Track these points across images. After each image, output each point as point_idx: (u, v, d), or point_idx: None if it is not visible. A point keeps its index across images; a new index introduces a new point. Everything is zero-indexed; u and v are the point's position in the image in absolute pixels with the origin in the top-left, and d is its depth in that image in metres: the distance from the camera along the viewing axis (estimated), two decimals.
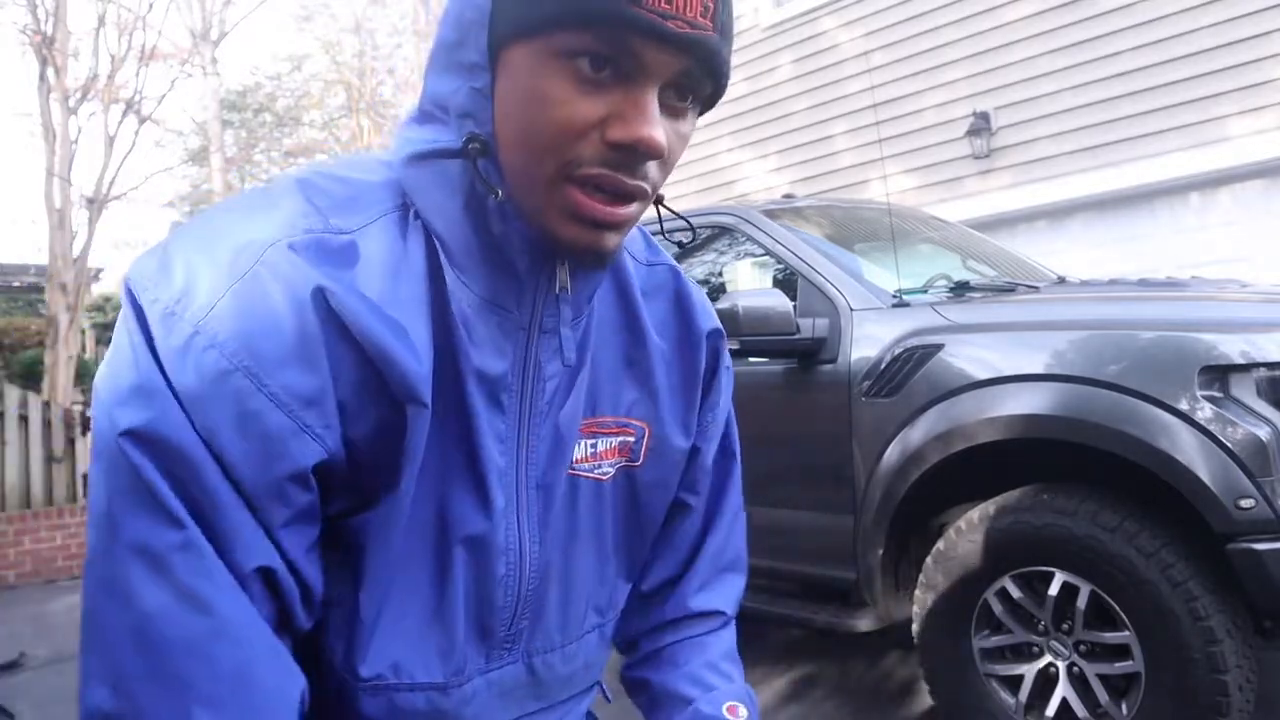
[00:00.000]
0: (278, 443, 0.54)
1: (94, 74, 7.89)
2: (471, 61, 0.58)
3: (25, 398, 5.92)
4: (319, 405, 0.55)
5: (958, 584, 2.27)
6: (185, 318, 0.53)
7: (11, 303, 12.40)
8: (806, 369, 2.59)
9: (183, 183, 20.33)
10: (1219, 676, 1.91)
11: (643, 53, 0.54)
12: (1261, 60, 5.44)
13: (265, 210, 0.59)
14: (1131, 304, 2.39)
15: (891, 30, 6.96)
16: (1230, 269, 4.83)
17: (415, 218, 0.62)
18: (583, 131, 0.55)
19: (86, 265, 7.78)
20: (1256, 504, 1.85)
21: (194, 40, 15.15)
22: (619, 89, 0.55)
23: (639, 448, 0.75)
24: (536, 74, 0.55)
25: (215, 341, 0.53)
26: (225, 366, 0.52)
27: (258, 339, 0.53)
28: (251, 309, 0.54)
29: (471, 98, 0.58)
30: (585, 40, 0.53)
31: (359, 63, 17.37)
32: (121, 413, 0.53)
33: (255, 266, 0.55)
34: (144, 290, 0.55)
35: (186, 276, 0.54)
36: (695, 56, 0.55)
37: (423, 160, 0.61)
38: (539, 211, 0.58)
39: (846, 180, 7.05)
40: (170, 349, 0.53)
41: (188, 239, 0.57)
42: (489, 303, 0.62)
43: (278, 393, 0.53)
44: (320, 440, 0.56)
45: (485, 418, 0.63)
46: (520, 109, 0.56)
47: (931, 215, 3.91)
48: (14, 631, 4.42)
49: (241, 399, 0.53)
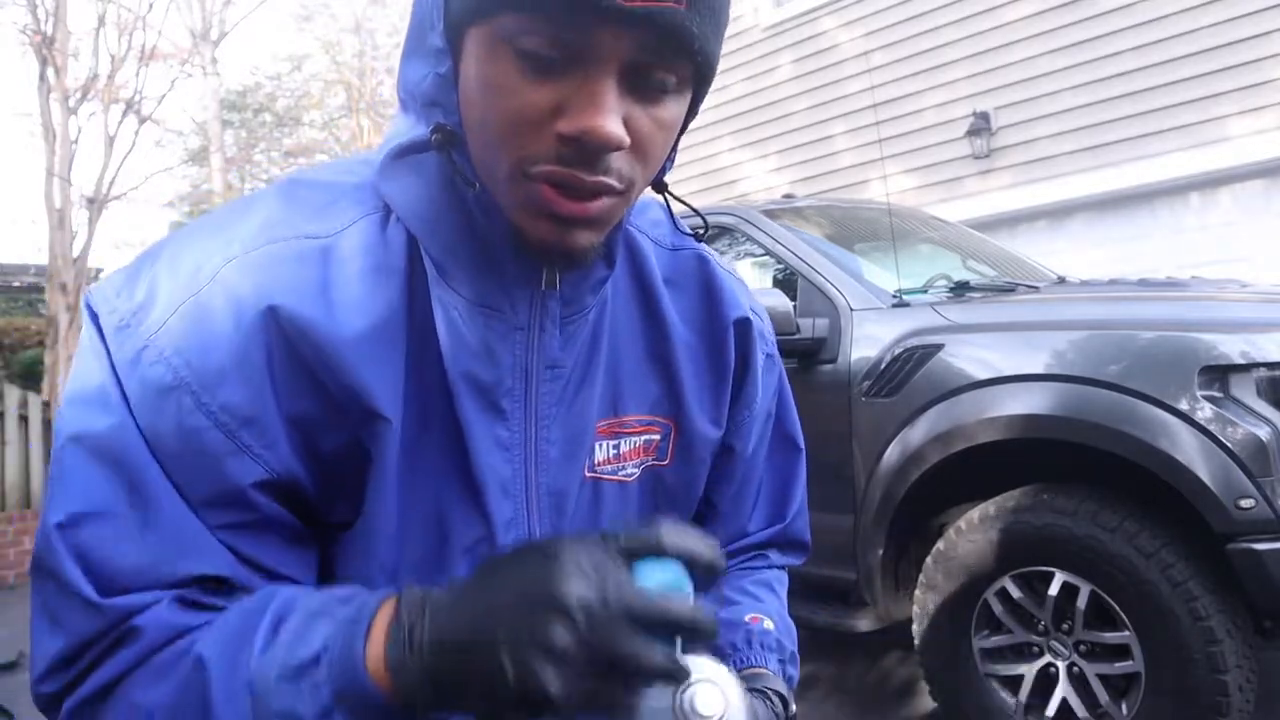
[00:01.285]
0: (215, 460, 0.53)
1: (94, 74, 7.89)
2: (436, 47, 0.54)
3: (25, 398, 5.92)
4: (258, 425, 0.54)
5: (958, 584, 2.27)
6: (138, 332, 0.53)
7: (11, 303, 12.40)
8: (806, 369, 2.59)
9: (183, 183, 20.32)
10: (1219, 676, 1.91)
11: (590, 32, 0.48)
12: (1261, 60, 5.44)
13: (236, 223, 0.58)
14: (1131, 304, 2.39)
15: (891, 30, 6.96)
16: (1230, 269, 4.83)
17: (397, 219, 0.60)
18: (535, 123, 0.51)
19: (86, 265, 7.79)
20: (1256, 504, 1.85)
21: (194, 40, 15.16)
22: (571, 76, 0.50)
23: (666, 446, 0.70)
24: (487, 61, 0.51)
25: (162, 356, 0.53)
26: (170, 381, 0.52)
27: (202, 356, 0.53)
28: (199, 326, 0.53)
29: (436, 84, 0.55)
30: (528, 22, 0.49)
31: (359, 63, 17.37)
32: (77, 416, 0.53)
33: (209, 284, 0.54)
34: (104, 302, 0.56)
35: (147, 291, 0.55)
36: (655, 32, 0.49)
37: (398, 158, 0.59)
38: (505, 207, 0.55)
39: (846, 180, 7.05)
40: (122, 360, 0.53)
41: (158, 254, 0.57)
42: (477, 305, 0.59)
43: (216, 411, 0.53)
44: (259, 460, 0.54)
45: (482, 426, 0.60)
46: (477, 98, 0.53)
47: (931, 215, 3.91)
48: (14, 632, 4.41)
49: (183, 415, 0.52)
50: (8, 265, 12.60)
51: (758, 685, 0.69)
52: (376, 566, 0.60)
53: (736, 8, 7.67)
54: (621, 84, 0.51)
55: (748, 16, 7.75)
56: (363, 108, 16.41)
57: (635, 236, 0.72)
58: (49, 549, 0.52)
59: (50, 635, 0.52)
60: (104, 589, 0.51)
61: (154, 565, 0.52)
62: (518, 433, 0.62)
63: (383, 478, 0.57)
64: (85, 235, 7.68)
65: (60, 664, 0.52)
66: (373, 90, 17.20)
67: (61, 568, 0.51)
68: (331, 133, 19.35)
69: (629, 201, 0.57)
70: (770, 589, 0.82)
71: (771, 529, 0.83)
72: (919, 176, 6.82)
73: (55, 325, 7.23)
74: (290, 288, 0.55)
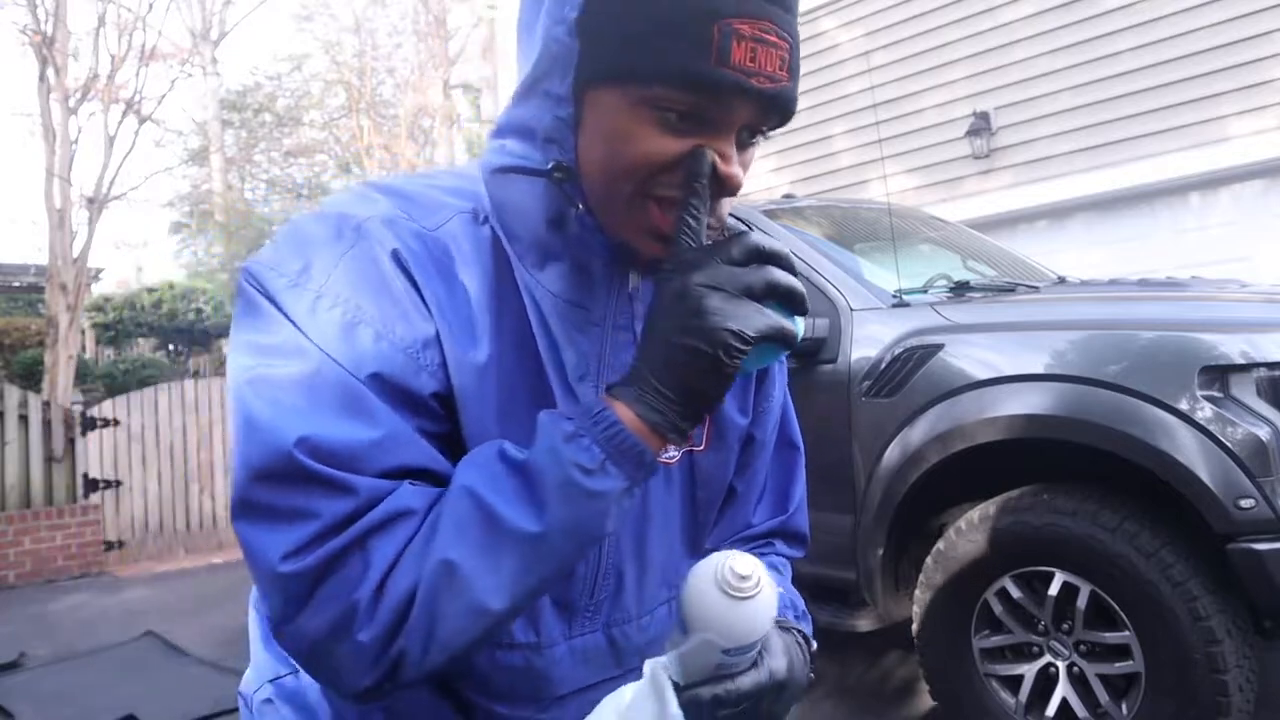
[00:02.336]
0: (405, 379, 0.60)
1: (94, 74, 7.88)
2: (557, 93, 0.63)
3: (25, 398, 5.92)
4: (430, 348, 0.62)
5: (958, 584, 2.27)
6: (309, 287, 0.61)
7: (11, 303, 12.39)
8: (807, 369, 2.59)
9: (183, 183, 20.30)
10: (1219, 676, 1.91)
11: (728, 106, 0.60)
12: (1261, 60, 5.44)
13: (360, 205, 0.67)
14: (1131, 304, 2.39)
15: (891, 30, 6.96)
16: (1230, 269, 4.83)
17: (484, 221, 0.69)
18: (667, 166, 0.61)
19: (86, 265, 7.77)
20: (1256, 504, 1.85)
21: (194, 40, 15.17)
22: (702, 134, 0.61)
23: (701, 433, 0.79)
24: (624, 115, 0.61)
25: (339, 301, 0.61)
26: (351, 319, 0.60)
27: (371, 295, 0.61)
28: (363, 273, 0.62)
29: (556, 126, 0.63)
30: (677, 96, 0.59)
31: (359, 63, 17.33)
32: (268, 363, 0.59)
33: (359, 240, 0.63)
34: (266, 270, 0.63)
35: (302, 256, 0.63)
36: (772, 105, 0.61)
37: (508, 173, 0.67)
38: (619, 227, 0.65)
39: (846, 180, 7.05)
40: (300, 311, 0.60)
41: (295, 230, 0.66)
42: (566, 301, 0.69)
43: (398, 339, 0.61)
44: (435, 376, 0.62)
45: (563, 404, 0.68)
46: (605, 143, 0.62)
47: (931, 215, 3.91)
48: (14, 631, 4.42)
49: (372, 344, 0.60)
50: (8, 265, 12.60)
51: (782, 627, 0.75)
52: None
53: None
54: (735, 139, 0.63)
55: None
56: (363, 108, 16.39)
57: None
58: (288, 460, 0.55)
59: (291, 525, 0.55)
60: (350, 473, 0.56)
61: (380, 458, 0.58)
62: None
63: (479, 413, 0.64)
64: (85, 235, 7.67)
65: (313, 541, 0.55)
66: (373, 90, 17.18)
67: (307, 467, 0.55)
68: (331, 133, 19.32)
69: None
70: (776, 570, 0.88)
71: (774, 520, 0.91)
72: (919, 176, 6.82)
73: (55, 325, 7.23)
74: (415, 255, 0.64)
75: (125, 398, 6.37)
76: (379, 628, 0.55)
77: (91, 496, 6.05)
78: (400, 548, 0.56)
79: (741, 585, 0.59)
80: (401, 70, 18.26)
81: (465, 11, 16.82)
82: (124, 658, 3.84)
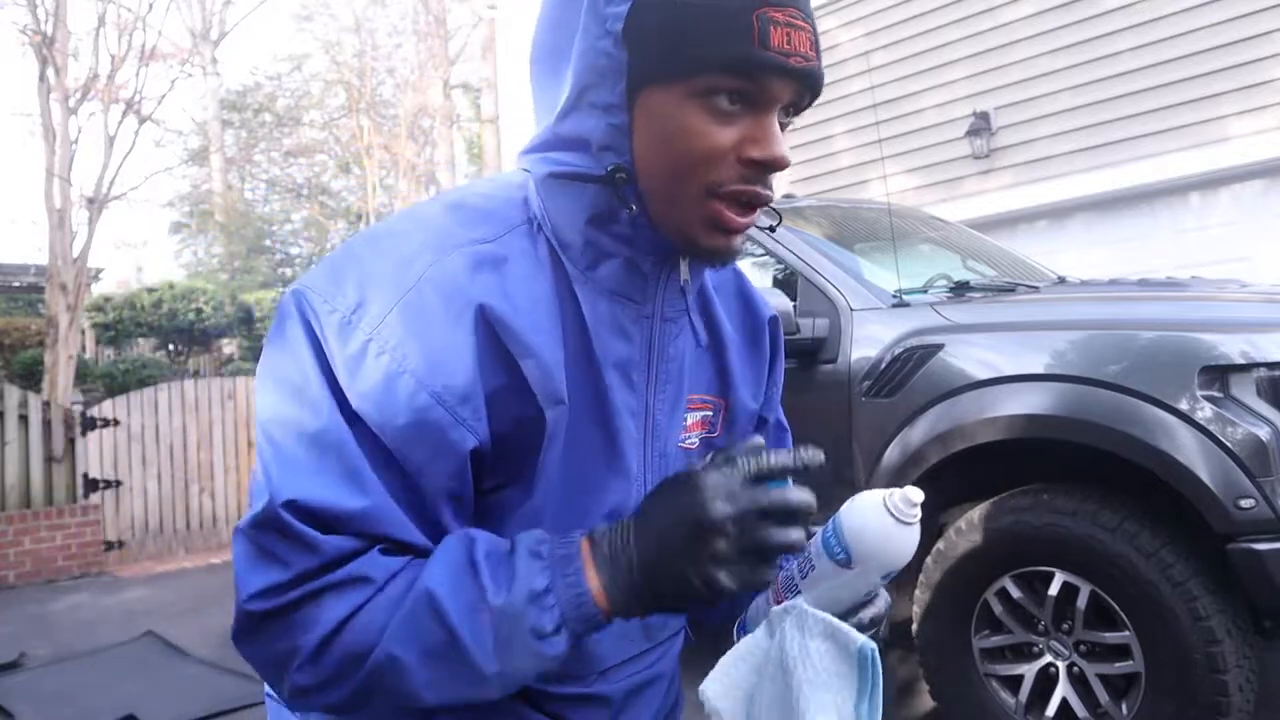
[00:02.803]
0: (439, 433, 0.63)
1: (94, 74, 7.87)
2: (607, 103, 0.67)
3: (25, 398, 5.92)
4: (472, 402, 0.65)
5: (958, 584, 2.27)
6: (361, 327, 0.63)
7: (11, 303, 12.39)
8: (807, 369, 2.59)
9: (183, 183, 20.30)
10: (1219, 676, 1.91)
11: (770, 86, 0.65)
12: (1261, 60, 5.45)
13: (419, 230, 0.69)
14: (1131, 304, 2.39)
15: (892, 30, 6.96)
16: (1230, 269, 4.83)
17: (539, 230, 0.72)
18: (723, 156, 0.66)
19: (86, 265, 7.77)
20: (1256, 504, 1.85)
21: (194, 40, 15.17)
22: (748, 116, 0.66)
23: (716, 420, 0.85)
24: (677, 112, 0.66)
25: (387, 348, 0.63)
26: (395, 370, 0.62)
27: (422, 345, 0.63)
28: (418, 319, 0.64)
29: (609, 133, 0.68)
30: (723, 81, 0.64)
31: (359, 63, 17.33)
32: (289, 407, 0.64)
33: (419, 282, 0.65)
34: (321, 301, 0.65)
35: (359, 291, 0.65)
36: (806, 82, 0.67)
37: (560, 179, 0.71)
38: (684, 224, 0.69)
39: (846, 180, 7.06)
40: (347, 356, 0.63)
41: (354, 257, 0.68)
42: (617, 295, 0.73)
43: (439, 391, 0.63)
44: (474, 431, 0.65)
45: (621, 395, 0.74)
46: (663, 142, 0.67)
47: (931, 215, 3.91)
48: (14, 631, 4.42)
49: (410, 396, 0.62)
50: (8, 265, 12.61)
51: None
52: (526, 526, 0.70)
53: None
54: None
55: None
56: (363, 108, 16.39)
57: None
58: (275, 513, 0.61)
59: (267, 569, 0.61)
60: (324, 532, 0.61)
61: (361, 526, 0.62)
62: (641, 399, 0.76)
63: (553, 450, 0.69)
64: (85, 235, 7.67)
65: (276, 589, 0.61)
66: (373, 90, 17.18)
67: (289, 524, 0.60)
68: (331, 133, 19.33)
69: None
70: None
71: None
72: (919, 176, 6.82)
73: (55, 325, 7.23)
74: (484, 288, 0.67)
75: (125, 398, 6.36)
76: (317, 676, 0.61)
77: (91, 496, 6.05)
78: (351, 609, 0.61)
79: (910, 512, 0.65)
80: (401, 70, 18.25)
81: (465, 11, 16.82)
82: (124, 658, 3.84)
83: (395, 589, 0.62)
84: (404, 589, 0.62)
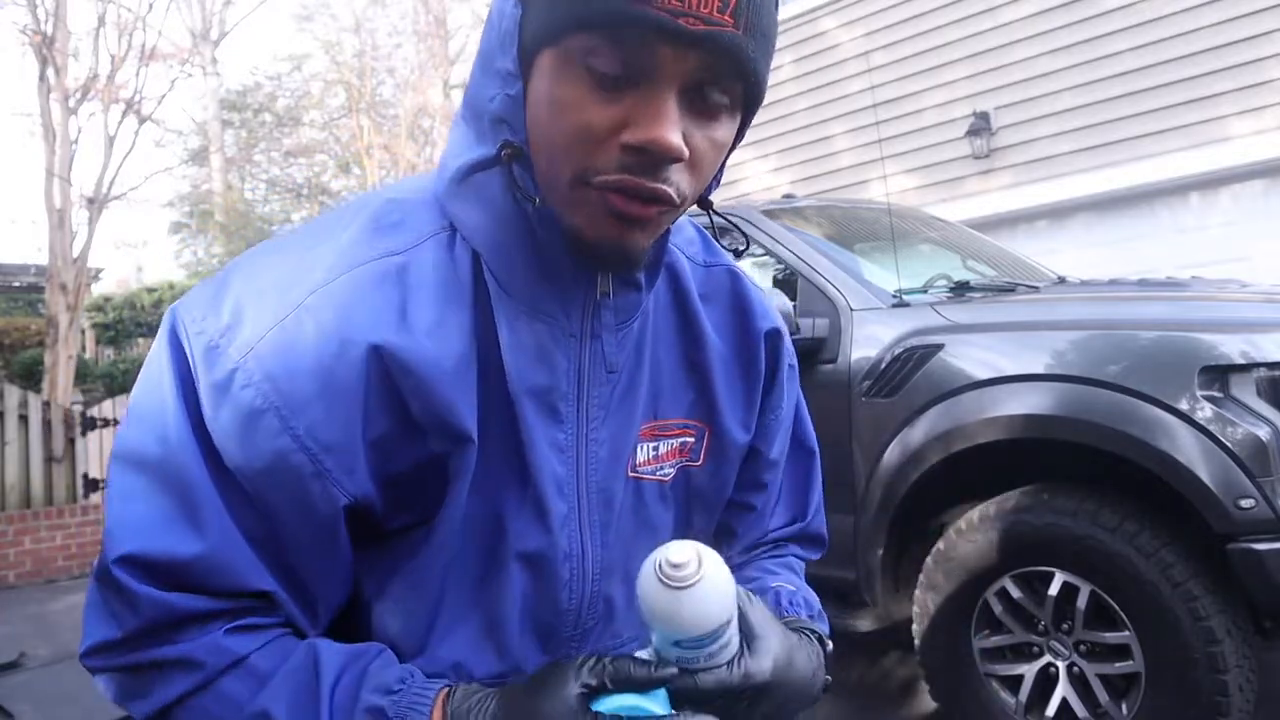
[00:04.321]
0: (297, 480, 0.57)
1: (94, 74, 7.88)
2: (506, 69, 0.58)
3: (25, 398, 5.92)
4: (341, 452, 0.57)
5: (958, 584, 2.27)
6: (228, 353, 0.56)
7: (11, 303, 12.39)
8: (806, 369, 2.59)
9: (183, 183, 20.30)
10: (1219, 676, 1.91)
11: (654, 52, 0.53)
12: (1261, 60, 5.44)
13: (316, 246, 0.61)
14: (1131, 304, 2.39)
15: (891, 30, 6.96)
16: (1230, 269, 4.83)
17: (463, 238, 0.63)
18: (600, 138, 0.55)
19: (86, 265, 7.77)
20: (1256, 504, 1.85)
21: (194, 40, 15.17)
22: (636, 93, 0.54)
23: (699, 448, 0.75)
24: (557, 80, 0.55)
25: (252, 381, 0.56)
26: (260, 405, 0.56)
27: (291, 382, 0.56)
28: (288, 353, 0.56)
29: (505, 104, 0.58)
30: (596, 43, 0.53)
31: (359, 63, 17.36)
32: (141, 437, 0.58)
33: (297, 310, 0.57)
34: (192, 321, 0.58)
35: (234, 311, 0.58)
36: (713, 53, 0.53)
37: (465, 178, 0.62)
38: (565, 212, 0.59)
39: (846, 180, 7.05)
40: (211, 384, 0.56)
41: (241, 274, 0.61)
42: (536, 312, 0.63)
43: (302, 435, 0.56)
44: (339, 485, 0.58)
45: (540, 430, 0.64)
46: (544, 115, 0.56)
47: (931, 215, 3.91)
48: (14, 631, 4.42)
49: (271, 437, 0.56)
50: (8, 265, 12.60)
51: (793, 627, 0.71)
52: (433, 571, 0.63)
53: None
54: (681, 102, 0.55)
55: None
56: (363, 108, 16.40)
57: (672, 253, 0.75)
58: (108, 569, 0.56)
59: (105, 624, 0.57)
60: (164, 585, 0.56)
61: (203, 578, 0.56)
62: (571, 434, 0.66)
63: (458, 490, 0.61)
64: (85, 235, 7.68)
65: (108, 648, 0.57)
66: (373, 90, 17.19)
67: (121, 581, 0.56)
68: (331, 133, 19.33)
69: (678, 214, 0.61)
70: (791, 569, 0.86)
71: (793, 526, 0.88)
72: (919, 176, 6.82)
73: (55, 325, 7.23)
74: (378, 320, 0.58)
75: (125, 398, 6.36)
76: None
77: (92, 496, 6.05)
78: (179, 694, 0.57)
79: (676, 574, 0.56)
80: (401, 70, 18.26)
81: (465, 11, 16.85)
82: None
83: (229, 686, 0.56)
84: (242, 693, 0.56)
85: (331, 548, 0.60)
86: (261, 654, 0.58)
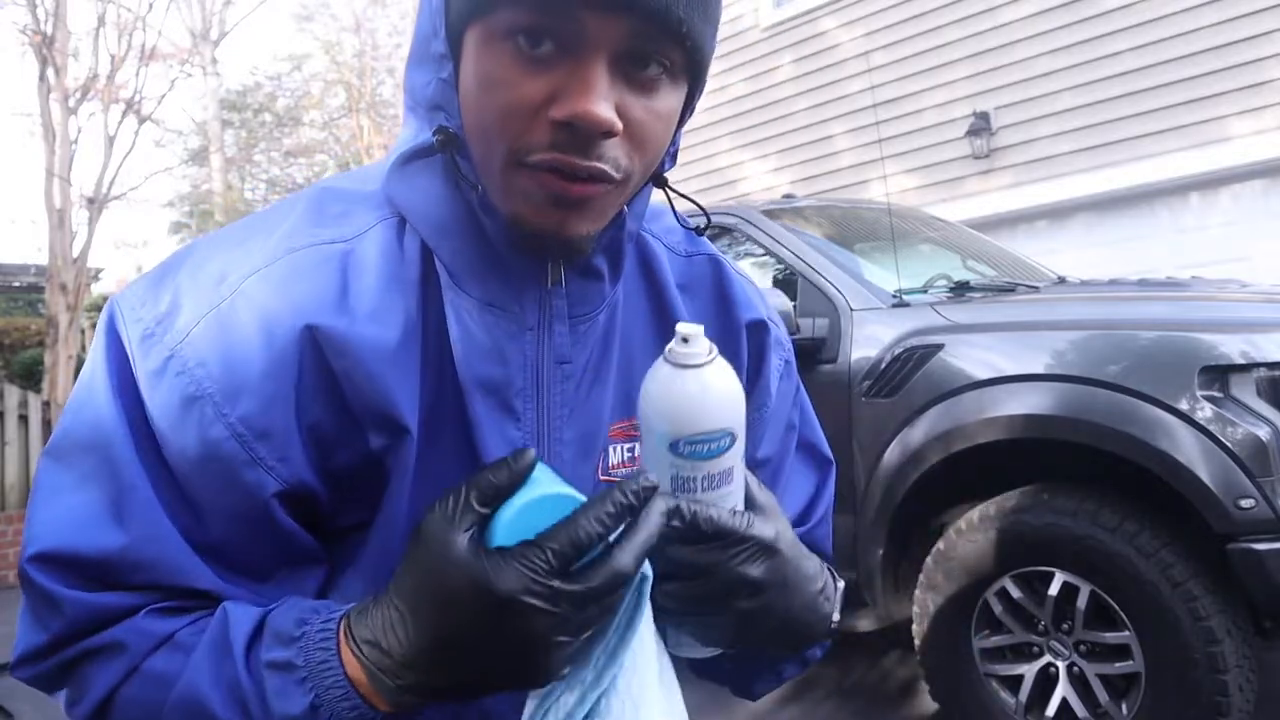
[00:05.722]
0: (231, 470, 0.54)
1: (94, 74, 7.88)
2: (439, 52, 0.56)
3: (25, 397, 5.92)
4: (274, 439, 0.55)
5: (958, 584, 2.27)
6: (164, 341, 0.55)
7: (11, 303, 12.39)
8: (806, 369, 2.59)
9: (183, 183, 20.29)
10: (1219, 676, 1.91)
11: (579, 19, 0.50)
12: (1261, 60, 5.44)
13: (258, 233, 0.60)
14: (1131, 304, 2.39)
15: (891, 30, 6.96)
16: (1230, 269, 4.83)
17: (412, 226, 0.61)
18: (528, 114, 0.52)
19: (86, 265, 7.77)
20: (1256, 504, 1.85)
21: (194, 40, 15.16)
22: (563, 65, 0.51)
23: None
24: (483, 56, 0.53)
25: (186, 367, 0.54)
26: (193, 392, 0.54)
27: (225, 368, 0.54)
28: (223, 338, 0.55)
29: (439, 89, 0.56)
30: (519, 13, 0.51)
31: (359, 63, 17.35)
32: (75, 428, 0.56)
33: (232, 296, 0.56)
34: (130, 309, 0.57)
35: (171, 300, 0.57)
36: (642, 17, 0.50)
37: (406, 164, 0.60)
38: (504, 199, 0.56)
39: (846, 180, 7.05)
40: (147, 372, 0.55)
41: (181, 262, 0.59)
42: (487, 305, 0.60)
43: (234, 423, 0.54)
44: (273, 472, 0.55)
45: (494, 426, 0.60)
46: (474, 94, 0.54)
47: (931, 215, 3.91)
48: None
49: (203, 425, 0.54)
50: (8, 265, 12.59)
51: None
52: (384, 572, 0.59)
53: (736, 8, 7.67)
54: (613, 71, 0.52)
55: (747, 17, 7.74)
56: (363, 108, 16.41)
57: (649, 242, 0.72)
58: (23, 569, 0.54)
59: (30, 628, 0.55)
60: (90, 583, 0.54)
61: (130, 573, 0.54)
62: (530, 433, 0.62)
63: (399, 486, 0.59)
64: (85, 235, 7.68)
65: (35, 654, 0.55)
66: (373, 90, 17.20)
67: (38, 581, 0.54)
68: (331, 133, 19.33)
69: (626, 193, 0.58)
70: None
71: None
72: (919, 176, 6.82)
73: (55, 325, 7.23)
74: (315, 302, 0.56)
75: None
76: None
77: None
78: (116, 680, 0.54)
79: (685, 350, 0.51)
80: (401, 70, 18.25)
81: None
82: None
83: (157, 665, 0.53)
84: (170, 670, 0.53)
85: (271, 535, 0.57)
86: (188, 630, 0.55)
